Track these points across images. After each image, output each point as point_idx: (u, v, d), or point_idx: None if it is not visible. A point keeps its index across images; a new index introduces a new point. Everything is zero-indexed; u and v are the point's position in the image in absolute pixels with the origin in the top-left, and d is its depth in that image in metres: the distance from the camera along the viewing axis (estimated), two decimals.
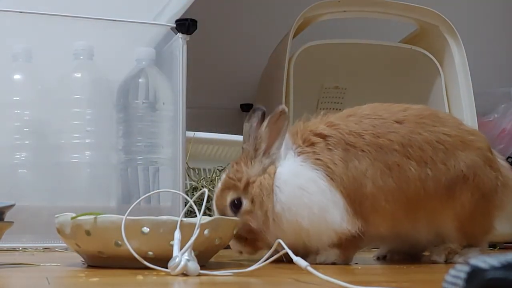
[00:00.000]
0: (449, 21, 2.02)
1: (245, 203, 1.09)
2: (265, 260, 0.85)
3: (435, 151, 1.11)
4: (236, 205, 1.09)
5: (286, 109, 1.10)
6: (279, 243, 0.88)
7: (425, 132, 1.12)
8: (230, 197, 1.10)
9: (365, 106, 1.17)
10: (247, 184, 1.09)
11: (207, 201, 0.93)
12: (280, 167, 1.10)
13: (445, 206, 1.12)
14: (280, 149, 1.10)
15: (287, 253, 0.86)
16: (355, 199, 1.07)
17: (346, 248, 1.09)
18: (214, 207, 1.13)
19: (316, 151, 1.09)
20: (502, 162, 1.20)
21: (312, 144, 1.10)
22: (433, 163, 1.11)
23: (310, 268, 0.76)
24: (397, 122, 1.13)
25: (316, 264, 1.07)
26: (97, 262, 0.96)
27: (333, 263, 1.09)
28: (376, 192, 1.08)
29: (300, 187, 1.07)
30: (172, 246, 0.85)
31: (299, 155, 1.09)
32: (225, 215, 1.09)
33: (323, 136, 1.10)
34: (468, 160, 1.13)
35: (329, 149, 1.09)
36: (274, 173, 1.09)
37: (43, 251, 1.37)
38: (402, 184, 1.09)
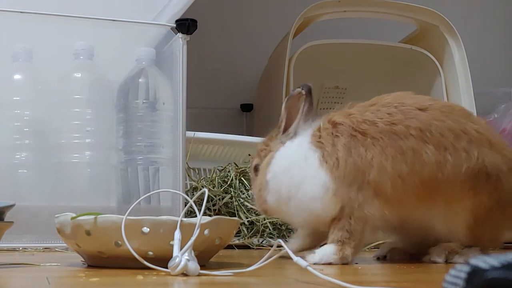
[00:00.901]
0: (449, 21, 2.02)
1: None
2: (265, 260, 0.85)
3: (457, 138, 1.10)
4: (256, 170, 1.20)
5: (304, 92, 1.15)
6: (279, 242, 0.88)
7: (449, 120, 1.12)
8: (254, 162, 1.22)
9: (393, 94, 1.18)
10: (266, 156, 1.18)
11: (207, 201, 0.93)
12: (289, 142, 1.16)
13: (464, 196, 1.11)
14: (298, 129, 1.16)
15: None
16: (352, 184, 1.09)
17: (343, 245, 1.10)
18: None
19: (322, 135, 1.13)
20: None
21: (323, 129, 1.14)
22: (454, 149, 1.10)
23: (310, 268, 0.76)
24: (420, 109, 1.13)
25: (314, 264, 1.08)
26: (97, 262, 0.96)
27: (330, 263, 1.08)
28: (381, 179, 1.08)
29: (291, 160, 1.14)
30: (172, 246, 0.85)
31: (309, 137, 1.14)
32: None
33: (334, 124, 1.13)
34: (494, 159, 1.12)
35: (335, 135, 1.12)
36: (278, 149, 1.16)
37: (43, 251, 1.37)
38: (416, 168, 1.08)
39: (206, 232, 0.92)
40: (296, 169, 1.12)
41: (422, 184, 1.09)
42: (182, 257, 0.81)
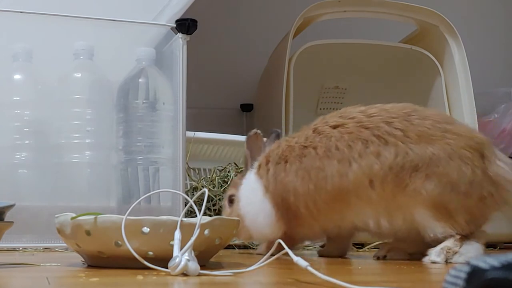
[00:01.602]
0: (449, 21, 2.02)
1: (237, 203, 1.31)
2: (265, 260, 0.85)
3: (366, 145, 1.18)
4: (230, 200, 1.33)
5: (259, 132, 1.32)
6: (279, 243, 0.88)
7: (363, 129, 1.20)
8: (230, 191, 1.35)
9: (334, 113, 1.29)
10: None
11: (207, 201, 0.93)
12: (245, 177, 1.32)
13: (395, 192, 1.16)
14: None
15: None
16: (283, 207, 1.24)
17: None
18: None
19: (261, 165, 1.28)
20: (499, 162, 1.20)
21: (262, 159, 1.29)
22: (360, 156, 1.17)
23: (310, 268, 0.76)
24: (334, 127, 1.23)
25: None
26: (97, 262, 0.96)
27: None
28: (296, 200, 1.22)
29: (247, 196, 1.29)
30: (172, 246, 0.85)
31: (255, 169, 1.30)
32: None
33: (269, 152, 1.29)
34: (422, 151, 1.16)
35: (268, 164, 1.27)
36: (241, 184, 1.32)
37: (43, 251, 1.37)
38: (321, 184, 1.19)
39: (206, 232, 0.92)
40: (250, 205, 1.28)
41: (329, 196, 1.19)
42: (182, 257, 0.81)
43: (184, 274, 0.82)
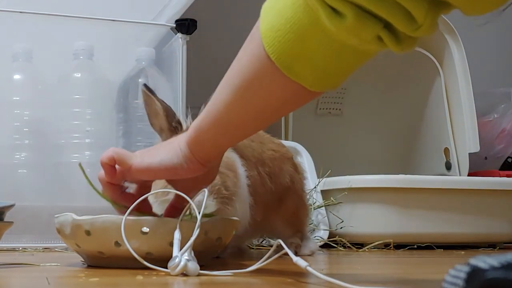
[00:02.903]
0: (449, 21, 2.02)
1: None
2: (265, 260, 0.85)
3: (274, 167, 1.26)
4: None
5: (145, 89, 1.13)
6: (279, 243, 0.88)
7: (268, 150, 1.26)
8: None
9: None
10: None
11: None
12: None
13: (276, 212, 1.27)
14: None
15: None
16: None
17: None
18: None
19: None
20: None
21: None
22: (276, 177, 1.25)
23: (309, 268, 0.76)
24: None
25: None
26: (97, 262, 0.96)
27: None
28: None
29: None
30: (172, 246, 0.85)
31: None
32: None
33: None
34: (290, 171, 1.28)
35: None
36: None
37: (43, 251, 1.37)
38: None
39: (206, 232, 0.92)
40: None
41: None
42: (182, 257, 0.81)
43: (184, 274, 0.82)
